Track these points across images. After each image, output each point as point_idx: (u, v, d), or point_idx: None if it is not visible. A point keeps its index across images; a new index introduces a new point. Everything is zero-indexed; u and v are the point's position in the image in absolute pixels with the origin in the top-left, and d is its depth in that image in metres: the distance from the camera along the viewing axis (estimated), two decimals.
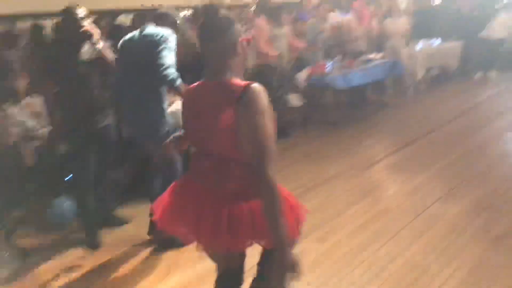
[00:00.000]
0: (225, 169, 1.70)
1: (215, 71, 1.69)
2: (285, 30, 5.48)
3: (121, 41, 3.18)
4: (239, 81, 1.67)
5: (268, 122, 1.60)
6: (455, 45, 8.18)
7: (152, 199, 2.68)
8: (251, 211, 1.66)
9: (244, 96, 1.59)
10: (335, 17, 6.94)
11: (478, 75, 8.76)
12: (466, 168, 4.36)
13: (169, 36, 3.00)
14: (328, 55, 6.50)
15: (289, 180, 4.26)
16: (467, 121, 5.93)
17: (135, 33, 3.12)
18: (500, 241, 3.06)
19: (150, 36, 2.99)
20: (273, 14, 5.53)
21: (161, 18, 3.16)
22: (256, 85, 1.63)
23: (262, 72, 5.30)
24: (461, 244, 3.04)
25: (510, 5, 9.14)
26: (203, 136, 1.73)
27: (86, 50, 3.08)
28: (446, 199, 3.71)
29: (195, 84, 1.82)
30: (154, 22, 3.12)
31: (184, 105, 1.86)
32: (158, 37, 2.95)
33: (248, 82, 1.65)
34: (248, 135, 1.59)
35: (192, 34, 4.00)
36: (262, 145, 1.58)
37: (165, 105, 3.15)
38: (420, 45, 7.54)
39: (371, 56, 6.61)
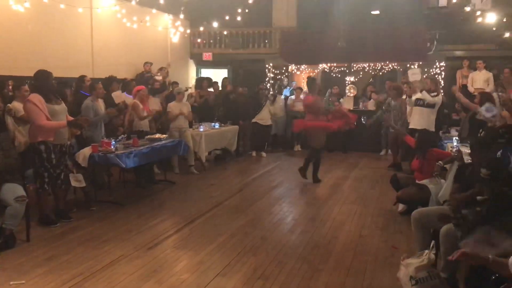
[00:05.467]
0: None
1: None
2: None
3: None
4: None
5: None
6: (232, 129, 9.17)
7: None
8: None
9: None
10: (121, 97, 7.01)
11: (253, 154, 9.97)
12: (243, 240, 4.71)
13: None
14: (113, 133, 6.41)
15: (66, 268, 3.84)
16: (245, 196, 6.54)
17: None
18: None
19: None
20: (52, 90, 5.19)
21: None
22: None
23: (38, 150, 4.83)
24: None
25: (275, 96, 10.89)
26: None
27: None
28: (226, 271, 3.89)
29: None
30: None
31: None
32: None
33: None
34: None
35: None
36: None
37: None
38: (202, 128, 8.19)
39: (156, 135, 6.81)
